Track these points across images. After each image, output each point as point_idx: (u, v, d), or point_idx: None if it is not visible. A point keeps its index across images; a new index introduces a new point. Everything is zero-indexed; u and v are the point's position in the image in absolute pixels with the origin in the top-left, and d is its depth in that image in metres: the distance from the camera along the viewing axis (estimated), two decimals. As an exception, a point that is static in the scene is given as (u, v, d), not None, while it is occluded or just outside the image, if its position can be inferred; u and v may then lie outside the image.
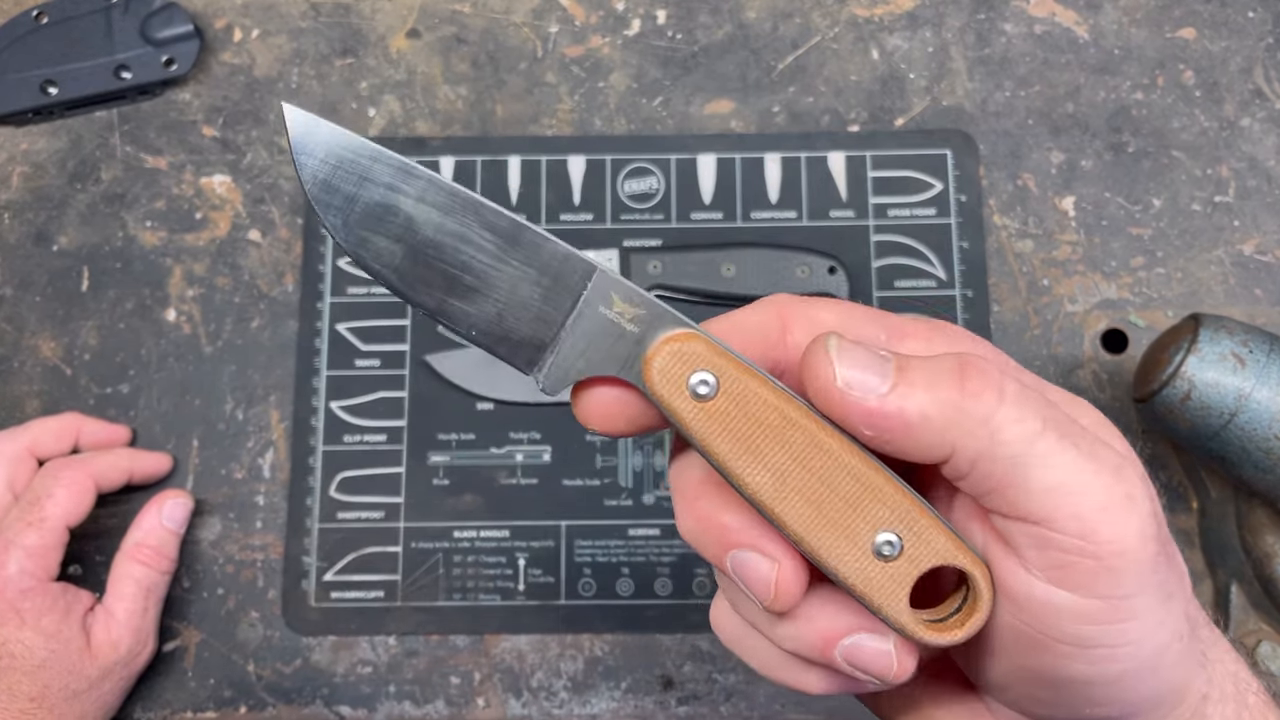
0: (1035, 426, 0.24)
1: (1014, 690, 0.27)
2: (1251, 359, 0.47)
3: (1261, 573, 0.51)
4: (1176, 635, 0.25)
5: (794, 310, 0.27)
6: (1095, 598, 0.24)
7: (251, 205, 0.59)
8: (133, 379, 0.57)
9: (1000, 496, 0.24)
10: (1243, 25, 0.60)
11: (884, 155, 0.59)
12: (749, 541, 0.26)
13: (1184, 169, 0.58)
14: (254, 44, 0.61)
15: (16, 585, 0.47)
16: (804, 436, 0.25)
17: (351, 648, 0.54)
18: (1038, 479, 0.23)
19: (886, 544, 0.25)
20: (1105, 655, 0.24)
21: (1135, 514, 0.24)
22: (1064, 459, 0.23)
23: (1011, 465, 0.24)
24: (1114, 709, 0.26)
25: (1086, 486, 0.23)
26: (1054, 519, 0.23)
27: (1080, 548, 0.23)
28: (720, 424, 0.25)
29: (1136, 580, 0.24)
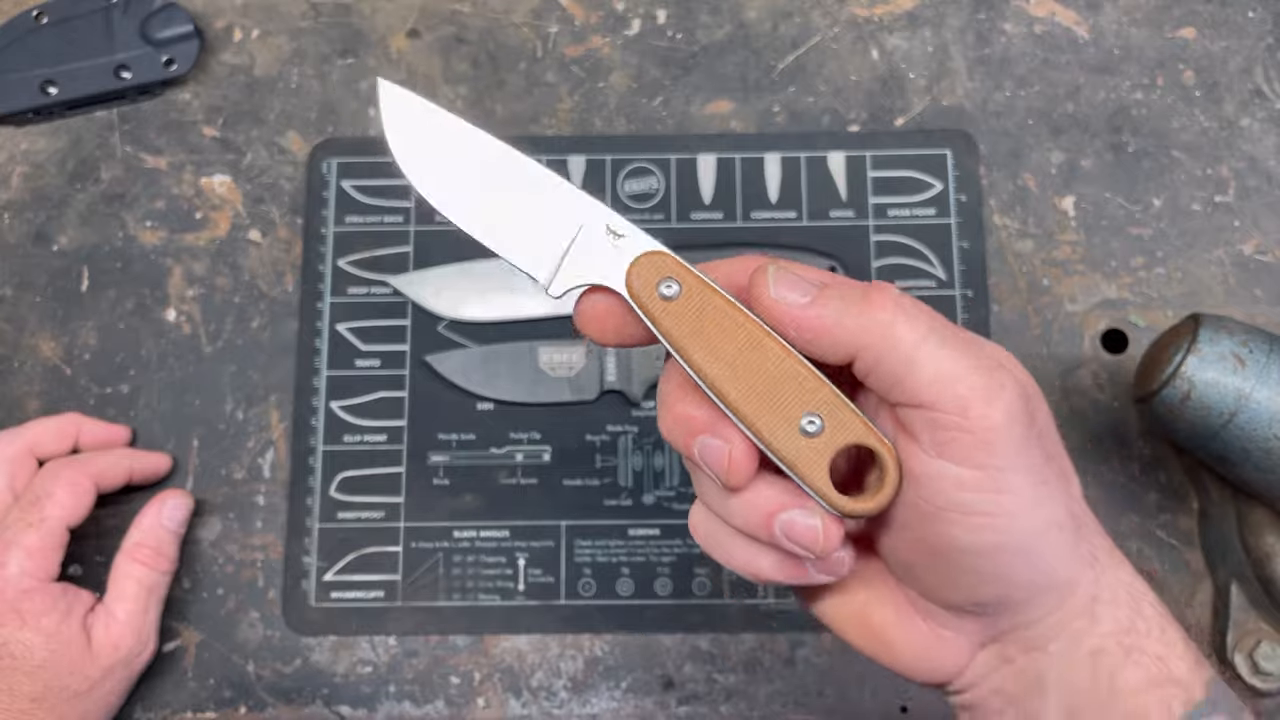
0: (924, 330, 0.30)
1: (917, 568, 0.32)
2: (1251, 359, 0.47)
3: (1261, 573, 0.51)
4: (1054, 523, 0.30)
5: (757, 261, 0.33)
6: (973, 467, 0.29)
7: (251, 205, 0.59)
8: (132, 379, 0.57)
9: (898, 388, 0.30)
10: (1243, 25, 0.60)
11: (884, 155, 0.59)
12: (709, 429, 0.31)
13: (1184, 169, 0.58)
14: (254, 44, 0.61)
15: (17, 585, 0.47)
16: (747, 335, 0.31)
17: (351, 648, 0.54)
18: (925, 371, 0.29)
19: (810, 423, 0.31)
20: (985, 524, 0.29)
21: (1002, 398, 0.29)
22: (946, 354, 0.29)
23: (905, 361, 0.29)
24: (999, 588, 0.31)
25: (962, 377, 0.29)
26: (938, 402, 0.29)
27: (959, 424, 0.29)
28: (682, 320, 0.31)
29: (1006, 454, 0.29)
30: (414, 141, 0.35)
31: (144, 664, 0.51)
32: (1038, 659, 0.32)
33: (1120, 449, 0.55)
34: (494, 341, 0.57)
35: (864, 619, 0.34)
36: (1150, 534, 0.54)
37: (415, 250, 0.58)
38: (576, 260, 0.33)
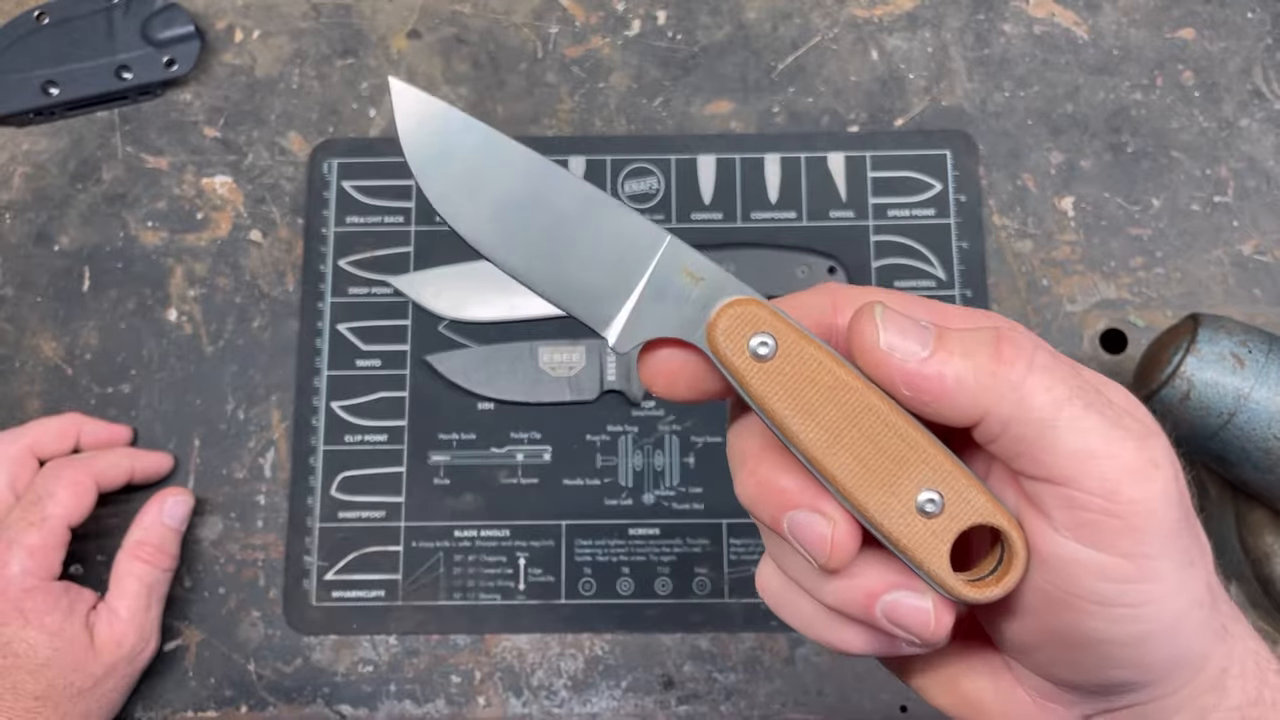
0: (1063, 394, 0.25)
1: (1039, 652, 0.28)
2: (1250, 359, 0.47)
3: (1260, 572, 0.51)
4: (1197, 603, 0.27)
5: (845, 294, 0.29)
6: (1119, 556, 0.25)
7: (252, 205, 0.59)
8: (134, 379, 0.57)
9: (1030, 459, 0.26)
10: (1241, 26, 0.60)
11: (883, 155, 0.59)
12: (807, 502, 0.27)
13: (1183, 169, 0.58)
14: (255, 44, 0.61)
15: (19, 584, 0.48)
16: (854, 397, 0.27)
17: (352, 647, 0.54)
18: (1065, 442, 0.25)
19: (929, 501, 0.26)
20: (1127, 615, 0.26)
21: (1158, 478, 0.25)
22: (1090, 424, 0.25)
23: (1040, 429, 0.25)
24: (1134, 672, 0.27)
25: (1111, 451, 0.25)
26: (1080, 480, 0.25)
27: (1105, 507, 0.25)
28: (778, 383, 0.27)
29: (1159, 541, 0.25)
30: (436, 156, 0.29)
31: (146, 661, 0.51)
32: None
33: (1119, 449, 0.55)
34: (494, 341, 0.57)
35: (954, 685, 0.31)
36: (1149, 534, 0.54)
37: (416, 250, 0.58)
38: (646, 308, 0.28)
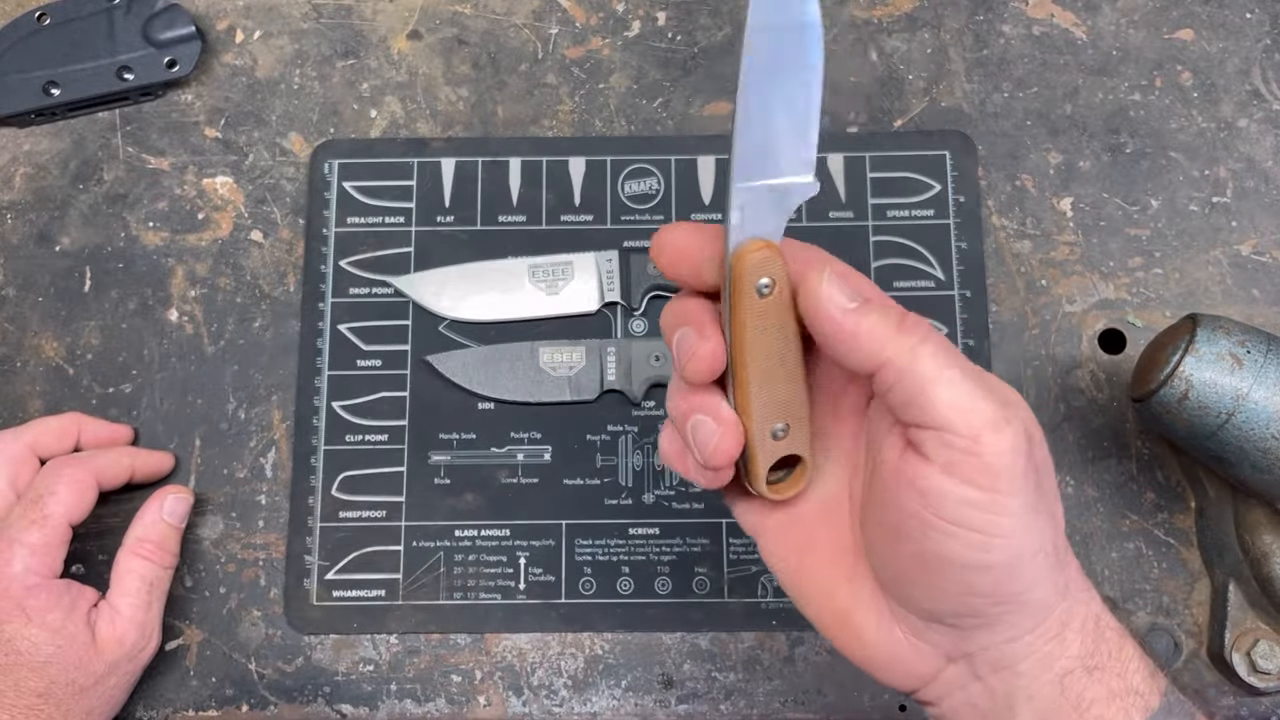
0: (945, 360, 0.32)
1: (904, 578, 0.34)
2: (1249, 359, 0.47)
3: (1259, 572, 0.51)
4: (1041, 550, 0.33)
5: (823, 255, 0.36)
6: (978, 489, 0.32)
7: (253, 206, 0.59)
8: (135, 379, 0.57)
9: (915, 407, 0.32)
10: (1240, 26, 0.60)
11: (883, 156, 0.59)
12: (697, 328, 0.35)
13: (1181, 170, 0.58)
14: (255, 45, 0.62)
15: (21, 582, 0.48)
16: (786, 341, 0.34)
17: (353, 646, 0.54)
18: (943, 396, 0.32)
19: (780, 429, 0.35)
20: (980, 541, 0.32)
21: (1009, 432, 0.32)
22: (964, 386, 0.32)
23: (925, 383, 0.32)
24: (979, 600, 0.33)
25: (977, 406, 0.32)
26: (953, 424, 0.32)
27: (969, 447, 0.32)
28: (755, 314, 0.34)
29: (1008, 481, 0.32)
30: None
31: (148, 659, 0.51)
32: (1007, 678, 0.35)
33: (1118, 449, 0.55)
34: (494, 341, 0.57)
35: (846, 618, 0.36)
36: (1148, 533, 0.54)
37: (416, 250, 0.58)
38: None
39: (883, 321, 0.33)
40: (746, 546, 0.55)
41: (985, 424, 0.32)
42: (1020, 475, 0.32)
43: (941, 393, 0.32)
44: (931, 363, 0.32)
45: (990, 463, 0.32)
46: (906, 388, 0.32)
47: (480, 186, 0.59)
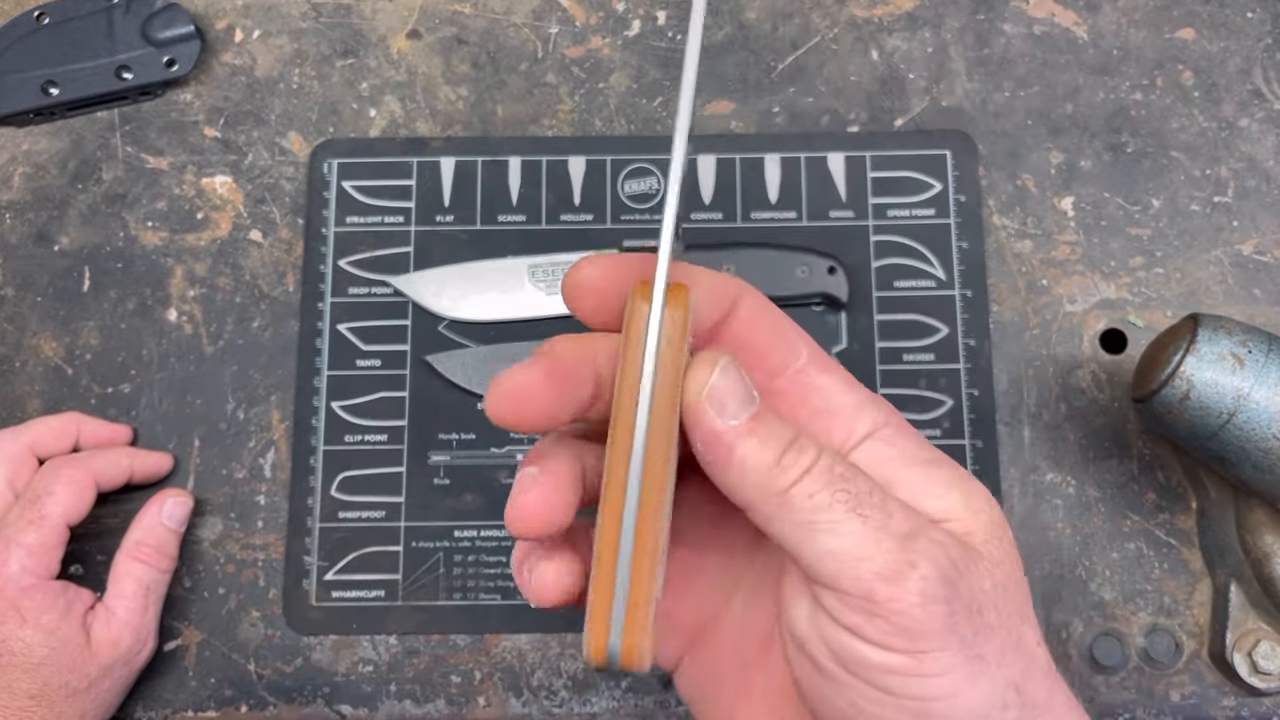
0: (824, 499, 0.26)
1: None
2: (1250, 359, 0.47)
3: (1260, 572, 0.51)
4: (998, 703, 0.26)
5: (749, 301, 0.29)
6: (895, 652, 0.26)
7: (253, 205, 0.59)
8: (134, 379, 0.57)
9: (794, 558, 0.27)
10: (1241, 26, 0.60)
11: (883, 155, 0.59)
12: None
13: (1183, 169, 0.58)
14: (255, 44, 0.61)
15: (17, 583, 0.48)
16: (660, 426, 0.26)
17: (352, 647, 0.54)
18: (821, 544, 0.26)
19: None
20: (918, 709, 0.26)
21: (914, 577, 0.25)
22: (848, 527, 0.26)
23: (799, 531, 0.26)
24: None
25: (865, 552, 0.26)
26: (838, 581, 0.26)
27: (866, 607, 0.26)
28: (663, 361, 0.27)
29: (929, 638, 0.26)
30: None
31: (143, 663, 0.51)
32: None
33: (1119, 449, 0.55)
34: (494, 341, 0.57)
35: None
36: (1149, 534, 0.54)
37: (416, 250, 0.58)
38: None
39: (759, 452, 0.26)
40: (747, 547, 0.55)
41: (877, 575, 0.25)
42: (941, 628, 0.26)
43: (820, 542, 0.26)
44: (806, 505, 0.26)
45: (900, 623, 0.25)
46: (778, 535, 0.27)
47: (480, 186, 0.59)
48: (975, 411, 0.55)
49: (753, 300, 0.29)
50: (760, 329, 0.29)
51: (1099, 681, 0.53)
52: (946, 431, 0.55)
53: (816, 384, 0.29)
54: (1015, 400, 0.56)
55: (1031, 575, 0.54)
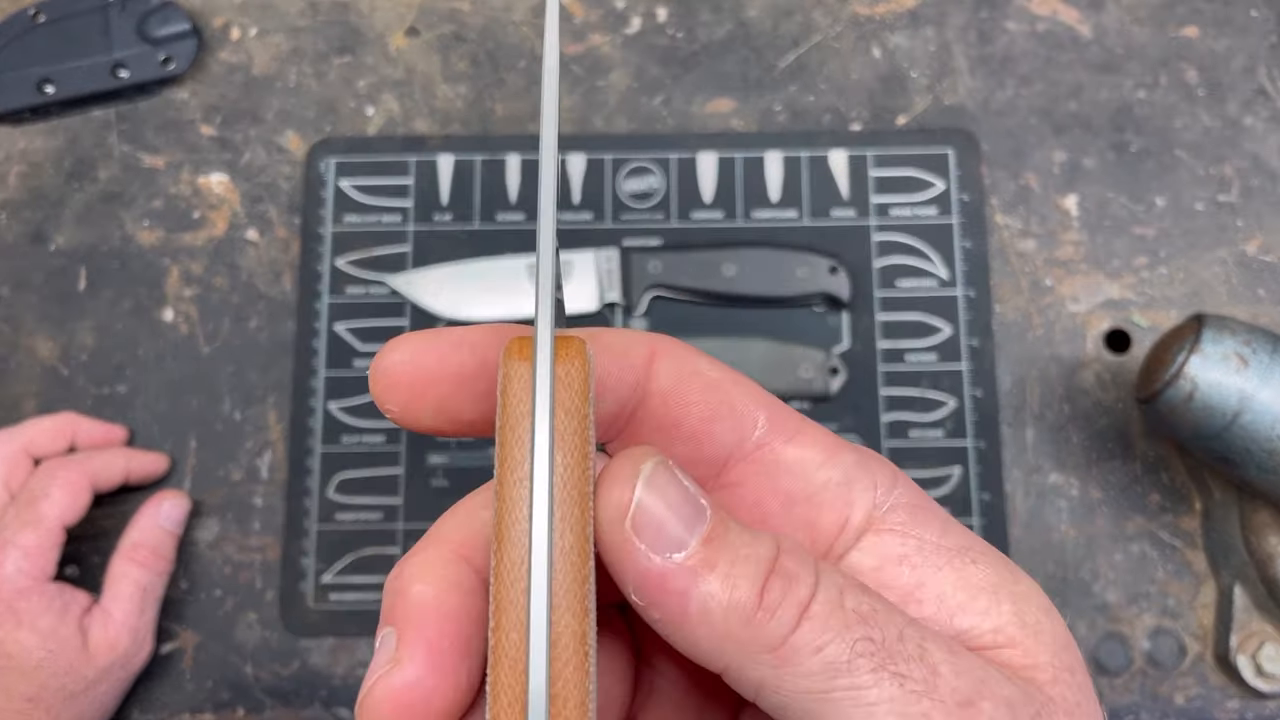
0: (842, 652, 0.18)
1: None
2: (1255, 359, 0.46)
3: (1265, 574, 0.51)
4: None
5: (670, 357, 0.21)
6: None
7: (249, 205, 0.59)
8: (130, 379, 0.57)
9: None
10: (1246, 24, 0.60)
11: (885, 154, 0.58)
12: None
13: (1187, 168, 0.58)
14: (252, 42, 0.61)
15: (13, 585, 0.47)
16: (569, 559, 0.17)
17: (350, 649, 0.54)
18: (848, 716, 0.18)
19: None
20: None
21: None
22: (882, 693, 0.17)
23: (806, 702, 0.18)
24: None
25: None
26: None
27: None
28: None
29: None
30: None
31: (141, 665, 0.51)
32: None
33: (1123, 449, 0.55)
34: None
35: None
36: (1153, 535, 0.54)
37: (414, 249, 0.58)
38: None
39: (727, 592, 0.18)
40: (747, 548, 0.54)
41: None
42: None
43: (842, 714, 0.18)
44: (815, 664, 0.18)
45: None
46: (776, 708, 0.18)
47: (478, 184, 0.59)
48: (978, 412, 0.55)
49: (674, 360, 0.21)
50: (692, 399, 0.21)
51: (1103, 684, 0.52)
52: (949, 432, 0.55)
53: (784, 460, 0.21)
54: (1018, 401, 0.55)
55: (1034, 577, 0.53)
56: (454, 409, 0.20)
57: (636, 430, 0.21)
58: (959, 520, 0.53)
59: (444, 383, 0.20)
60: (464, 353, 0.20)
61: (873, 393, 0.55)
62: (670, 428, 0.21)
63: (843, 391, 0.55)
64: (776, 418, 0.21)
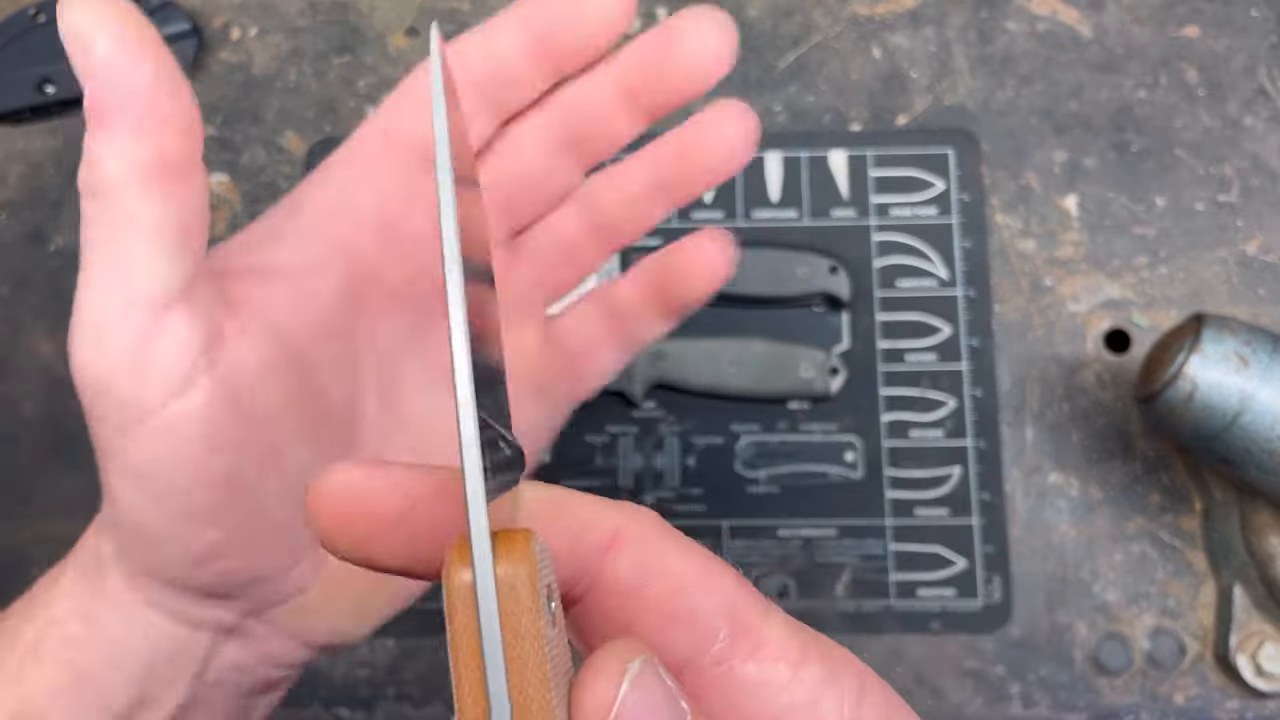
0: None
1: None
2: (1255, 359, 0.46)
3: (1265, 574, 0.51)
4: None
5: (637, 534, 0.19)
6: None
7: (249, 204, 0.59)
8: (130, 379, 0.57)
9: None
10: (1246, 24, 0.60)
11: (885, 154, 0.58)
12: None
13: (1187, 168, 0.58)
14: (251, 42, 0.61)
15: None
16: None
17: (350, 649, 0.54)
18: None
19: None
20: None
21: None
22: None
23: None
24: None
25: None
26: None
27: None
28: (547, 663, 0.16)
29: None
30: None
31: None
32: None
33: (1123, 450, 0.55)
34: (493, 341, 0.57)
35: None
36: (1153, 535, 0.54)
37: (414, 250, 0.58)
38: None
39: None
40: (747, 548, 0.54)
41: None
42: None
43: None
44: None
45: None
46: None
47: (479, 185, 0.59)
48: (978, 412, 0.55)
49: (638, 550, 0.19)
50: (649, 604, 0.19)
51: (1102, 684, 0.52)
52: (949, 432, 0.55)
53: (745, 682, 0.19)
54: (1018, 401, 0.55)
55: (1034, 577, 0.53)
56: (369, 552, 0.19)
57: (583, 621, 0.19)
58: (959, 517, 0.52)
59: (360, 523, 0.18)
60: (393, 497, 0.18)
61: (873, 393, 0.55)
62: (622, 628, 0.19)
63: (843, 391, 0.55)
64: (739, 627, 0.19)
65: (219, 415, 0.27)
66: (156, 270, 0.27)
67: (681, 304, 0.37)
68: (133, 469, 0.27)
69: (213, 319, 0.28)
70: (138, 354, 0.26)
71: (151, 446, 0.27)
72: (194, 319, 0.27)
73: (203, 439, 0.27)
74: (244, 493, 0.28)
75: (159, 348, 0.26)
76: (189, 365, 0.27)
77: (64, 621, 0.29)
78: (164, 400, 0.27)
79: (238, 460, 0.28)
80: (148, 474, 0.27)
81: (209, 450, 0.27)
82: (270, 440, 0.29)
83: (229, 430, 0.27)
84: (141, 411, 0.26)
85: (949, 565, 0.53)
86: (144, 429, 0.27)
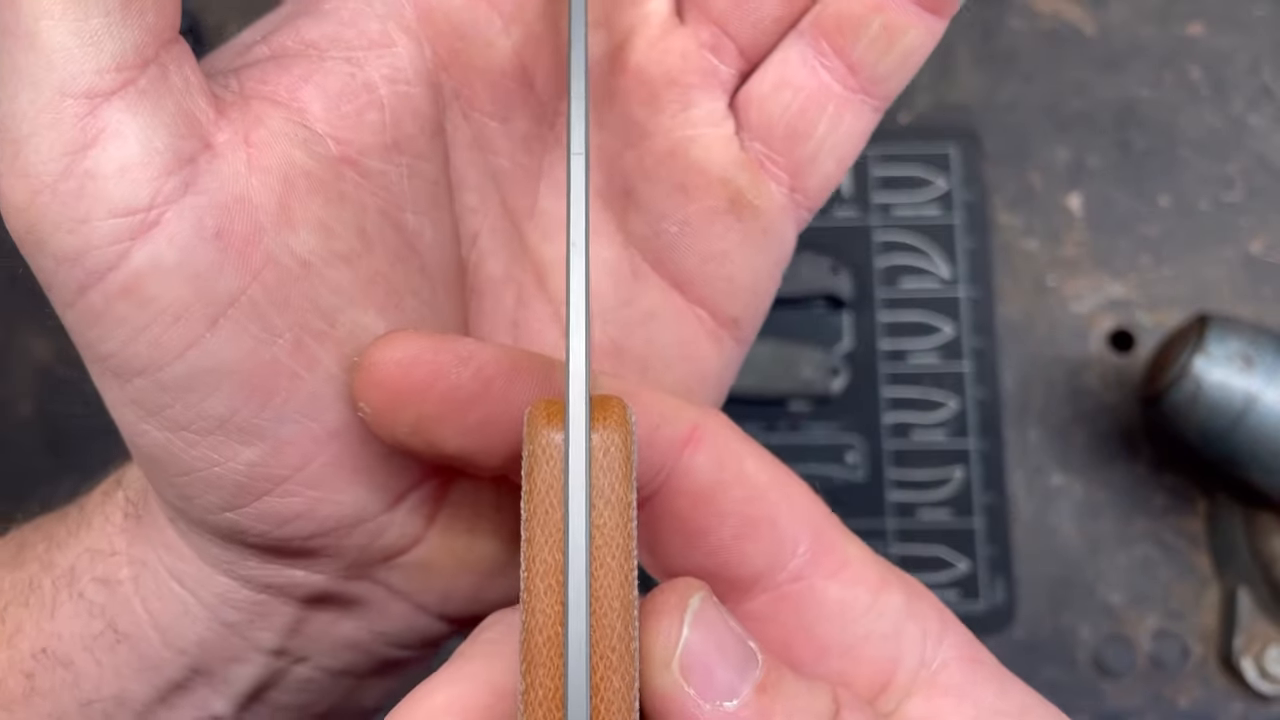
0: None
1: None
2: (1260, 359, 0.46)
3: (1269, 576, 0.51)
4: None
5: (715, 433, 0.18)
6: None
7: (247, 203, 0.59)
8: (127, 379, 0.56)
9: None
10: (1250, 22, 0.59)
11: (887, 153, 0.58)
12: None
13: (1191, 167, 0.58)
14: (250, 40, 0.61)
15: None
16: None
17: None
18: None
19: None
20: None
21: None
22: None
23: None
24: None
25: None
26: None
27: None
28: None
29: None
30: None
31: None
32: None
33: (1127, 450, 0.55)
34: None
35: None
36: (1157, 537, 0.54)
37: (413, 249, 0.57)
38: None
39: None
40: (748, 550, 0.54)
41: None
42: None
43: None
44: None
45: None
46: None
47: (478, 184, 0.58)
48: (981, 412, 0.55)
49: (716, 450, 0.18)
50: (728, 508, 0.18)
51: (1106, 686, 0.52)
52: (952, 433, 0.55)
53: (824, 602, 0.18)
54: (1022, 401, 0.55)
55: (1038, 579, 0.53)
56: (433, 434, 0.17)
57: (647, 527, 0.18)
58: (962, 518, 0.51)
59: (429, 401, 0.16)
60: (465, 372, 0.16)
61: (874, 393, 0.55)
62: (694, 535, 0.18)
63: (844, 392, 0.55)
64: (821, 543, 0.18)
65: (206, 266, 0.18)
66: (80, 39, 0.17)
67: None
68: (110, 365, 0.19)
69: (187, 120, 0.18)
70: (69, 172, 0.18)
71: (116, 318, 0.19)
72: (152, 117, 0.18)
73: (189, 303, 0.18)
74: (278, 385, 0.19)
75: (99, 161, 0.18)
76: (149, 189, 0.18)
77: (107, 557, 0.23)
78: (115, 241, 0.18)
79: (255, 336, 0.19)
80: (125, 366, 0.20)
81: (205, 320, 0.18)
82: (311, 303, 0.19)
83: (230, 288, 0.18)
84: (94, 265, 0.18)
85: (952, 567, 0.53)
86: (99, 294, 0.19)
